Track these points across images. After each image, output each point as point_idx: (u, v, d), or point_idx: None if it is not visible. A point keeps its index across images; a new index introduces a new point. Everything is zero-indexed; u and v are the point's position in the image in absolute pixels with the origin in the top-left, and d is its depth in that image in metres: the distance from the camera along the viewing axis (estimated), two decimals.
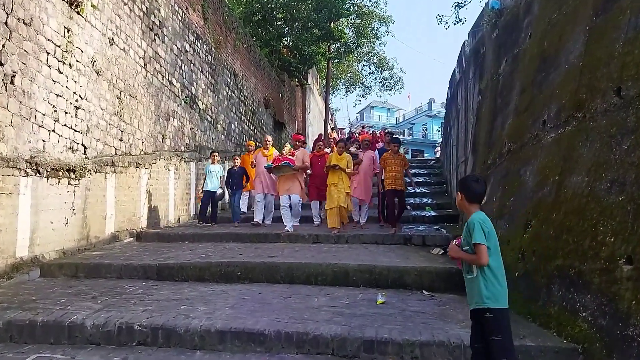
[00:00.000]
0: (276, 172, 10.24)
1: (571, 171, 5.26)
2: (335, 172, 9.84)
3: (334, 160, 9.95)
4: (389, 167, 9.83)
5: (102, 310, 5.16)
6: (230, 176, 11.57)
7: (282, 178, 10.23)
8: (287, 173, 10.10)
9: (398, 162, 9.89)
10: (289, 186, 10.12)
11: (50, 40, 7.31)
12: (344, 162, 9.90)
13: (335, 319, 5.05)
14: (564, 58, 6.19)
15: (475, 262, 3.61)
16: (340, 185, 9.80)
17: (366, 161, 10.77)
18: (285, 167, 9.93)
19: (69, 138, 7.80)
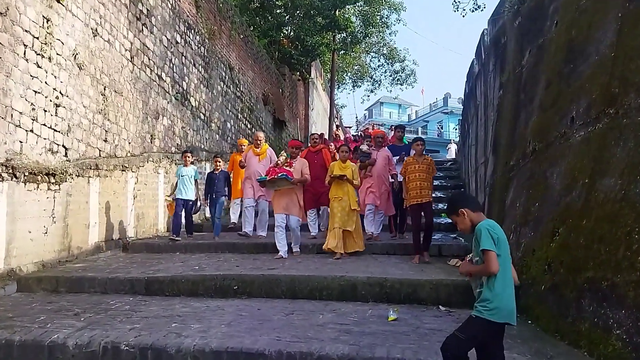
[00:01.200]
0: (270, 186, 9.22)
1: (603, 173, 5.25)
2: (339, 184, 8.82)
3: (336, 169, 8.91)
4: (412, 175, 8.46)
5: (86, 329, 5.17)
6: (210, 182, 10.69)
7: (278, 193, 9.17)
8: (283, 187, 9.05)
9: (424, 167, 8.51)
10: (285, 203, 9.02)
11: (28, 32, 7.34)
12: (349, 172, 8.89)
13: (342, 338, 5.04)
14: (594, 48, 6.17)
15: (484, 271, 3.58)
16: (346, 200, 8.76)
17: (381, 161, 9.84)
18: (281, 180, 8.91)
19: (48, 139, 7.83)
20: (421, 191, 8.36)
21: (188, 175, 10.30)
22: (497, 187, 8.92)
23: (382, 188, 9.74)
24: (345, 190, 8.78)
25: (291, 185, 8.97)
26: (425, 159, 8.66)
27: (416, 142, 8.91)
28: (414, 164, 8.53)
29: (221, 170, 10.72)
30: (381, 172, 9.80)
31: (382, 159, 9.87)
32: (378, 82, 41.30)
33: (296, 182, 9.04)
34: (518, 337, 5.13)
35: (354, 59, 39.28)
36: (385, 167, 9.87)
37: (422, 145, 8.80)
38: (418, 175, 8.41)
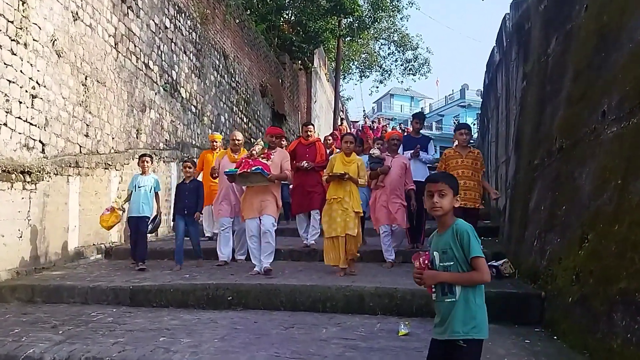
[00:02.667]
0: (241, 181, 8.05)
1: (638, 174, 5.25)
2: (340, 184, 7.86)
3: (338, 164, 7.99)
4: (453, 172, 7.17)
5: (65, 342, 5.19)
6: (179, 195, 9.01)
7: (250, 192, 8.03)
8: (257, 184, 7.91)
9: (469, 162, 7.59)
10: (259, 204, 7.90)
11: (2, 15, 7.37)
12: (354, 168, 7.92)
13: (347, 354, 5.05)
14: (628, 36, 6.18)
15: (473, 280, 3.42)
16: (348, 202, 7.83)
17: (396, 170, 8.58)
18: (255, 175, 7.70)
19: (23, 133, 7.85)
20: (465, 192, 7.29)
21: (146, 187, 8.73)
22: (520, 188, 8.92)
23: (396, 203, 8.48)
24: (348, 190, 7.85)
25: (267, 182, 7.84)
26: (471, 152, 7.74)
27: (459, 131, 7.95)
28: (456, 157, 7.62)
29: (193, 180, 9.01)
30: (396, 184, 8.59)
31: (397, 168, 8.63)
32: (388, 72, 41.39)
33: (274, 179, 7.93)
34: (542, 354, 5.14)
35: (362, 46, 39.29)
36: (401, 178, 8.66)
37: (467, 134, 7.81)
38: (461, 173, 7.41)
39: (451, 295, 3.42)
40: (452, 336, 3.40)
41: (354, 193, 7.93)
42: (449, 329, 3.42)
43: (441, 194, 3.49)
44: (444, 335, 3.43)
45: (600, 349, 5.03)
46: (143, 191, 8.63)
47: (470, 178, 7.42)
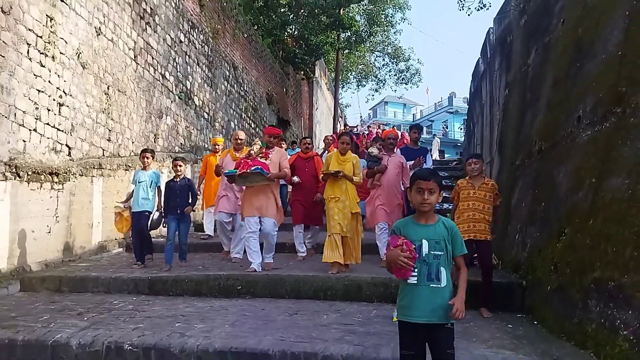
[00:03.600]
0: (241, 181, 7.52)
1: (610, 173, 5.24)
2: (336, 182, 7.36)
3: (334, 162, 7.44)
4: (465, 203, 6.46)
5: (89, 328, 5.18)
6: (170, 193, 8.12)
7: (250, 191, 7.50)
8: (257, 184, 7.43)
9: (481, 194, 6.43)
10: (260, 204, 7.41)
11: (32, 30, 7.37)
12: (349, 166, 7.41)
13: (346, 338, 5.03)
14: (601, 47, 6.16)
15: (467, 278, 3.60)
16: (344, 200, 7.32)
17: (393, 169, 8.08)
18: (255, 175, 7.24)
19: (51, 138, 7.85)
20: (475, 225, 6.31)
21: (146, 182, 8.14)
22: (503, 186, 8.89)
23: (393, 201, 8.02)
24: (344, 189, 7.33)
25: (267, 181, 7.36)
26: (484, 184, 6.51)
27: (468, 161, 6.72)
28: (468, 189, 6.49)
29: (183, 178, 8.22)
30: (393, 182, 8.07)
31: (394, 166, 8.12)
32: (383, 82, 41.31)
33: (273, 178, 7.45)
34: (524, 338, 5.13)
35: (359, 58, 39.28)
36: (398, 176, 8.16)
37: (475, 163, 6.57)
38: (472, 205, 6.39)
39: (437, 282, 3.43)
40: (441, 320, 3.40)
41: (351, 192, 7.38)
42: (435, 314, 3.40)
43: (431, 191, 3.49)
44: (433, 319, 3.40)
45: (577, 333, 5.02)
46: (143, 186, 8.07)
47: (480, 211, 6.36)
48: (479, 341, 5.08)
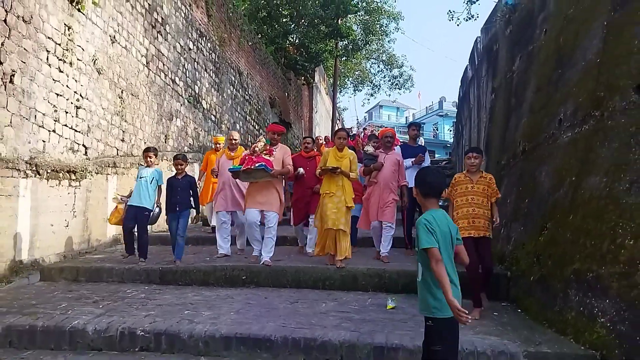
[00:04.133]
0: (245, 177, 7.17)
1: (589, 172, 5.24)
2: (333, 178, 6.96)
3: (331, 158, 7.05)
4: (462, 199, 5.85)
5: (104, 315, 5.19)
6: (171, 190, 7.59)
7: (254, 187, 7.19)
8: (261, 180, 7.09)
9: (480, 188, 5.83)
10: (263, 199, 7.09)
11: (51, 38, 7.36)
12: (346, 162, 7.03)
13: (343, 325, 5.04)
14: (581, 55, 6.16)
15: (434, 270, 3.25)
16: (340, 196, 6.92)
17: (389, 166, 7.69)
18: (259, 171, 6.92)
19: (69, 138, 7.85)
20: (474, 220, 5.71)
21: (146, 178, 7.53)
22: None
23: (388, 197, 7.55)
24: (340, 184, 6.94)
25: (270, 177, 7.03)
26: (482, 177, 5.89)
27: (467, 155, 6.06)
28: (466, 183, 5.87)
29: (185, 175, 7.72)
30: (389, 179, 7.66)
31: (390, 164, 7.74)
32: (377, 87, 41.23)
33: (277, 174, 7.11)
34: (508, 324, 5.14)
35: (355, 64, 39.21)
36: (394, 173, 7.74)
37: (475, 157, 5.94)
38: (470, 199, 5.80)
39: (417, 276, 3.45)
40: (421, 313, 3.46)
41: (347, 187, 7.00)
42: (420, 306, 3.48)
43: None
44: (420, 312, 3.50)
45: (557, 320, 5.03)
46: (143, 182, 7.48)
47: (480, 205, 5.76)
48: (467, 328, 5.07)
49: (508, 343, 4.54)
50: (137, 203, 7.40)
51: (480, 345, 4.50)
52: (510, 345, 4.49)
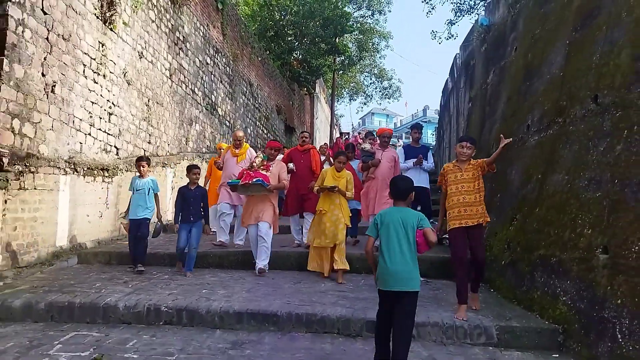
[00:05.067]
0: (243, 191, 6.63)
1: (553, 171, 5.25)
2: (330, 196, 6.34)
3: (329, 178, 6.45)
4: (453, 187, 5.05)
5: (133, 294, 5.19)
6: (183, 200, 6.59)
7: (250, 200, 6.66)
8: (257, 194, 6.54)
9: (469, 174, 5.01)
10: (259, 212, 6.50)
11: (87, 54, 7.35)
12: (343, 182, 6.42)
13: (340, 302, 5.05)
14: (547, 69, 6.16)
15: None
16: (337, 214, 6.28)
17: (386, 162, 7.30)
18: (256, 186, 6.37)
19: (103, 141, 7.84)
20: (466, 209, 4.92)
21: (145, 189, 6.60)
22: None
23: (385, 193, 6.71)
24: (337, 203, 6.32)
25: (267, 191, 6.48)
26: (470, 165, 5.05)
27: (460, 144, 5.18)
28: (455, 172, 5.06)
29: (197, 187, 6.72)
30: (386, 175, 7.14)
31: (387, 160, 7.34)
32: (370, 97, 41.20)
33: (272, 189, 6.55)
34: (483, 302, 5.14)
35: (351, 77, 39.17)
36: (391, 169, 7.33)
37: (468, 147, 5.09)
38: (460, 187, 4.98)
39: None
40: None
41: (344, 205, 6.40)
42: None
43: None
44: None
45: (525, 299, 5.04)
46: (141, 193, 6.56)
47: (471, 192, 4.95)
48: (447, 305, 5.10)
49: (482, 318, 4.55)
50: (136, 216, 6.49)
51: (459, 320, 4.52)
52: (484, 320, 4.50)
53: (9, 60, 5.74)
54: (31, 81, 6.15)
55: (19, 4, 5.90)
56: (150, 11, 9.43)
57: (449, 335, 4.40)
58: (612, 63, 4.69)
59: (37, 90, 6.26)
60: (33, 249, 6.20)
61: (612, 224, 4.08)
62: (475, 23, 10.75)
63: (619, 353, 3.67)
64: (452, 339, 4.38)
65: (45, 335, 4.36)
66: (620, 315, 3.74)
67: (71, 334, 4.39)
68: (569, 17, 5.92)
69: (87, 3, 7.34)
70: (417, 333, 4.29)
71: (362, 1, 32.79)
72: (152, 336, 4.37)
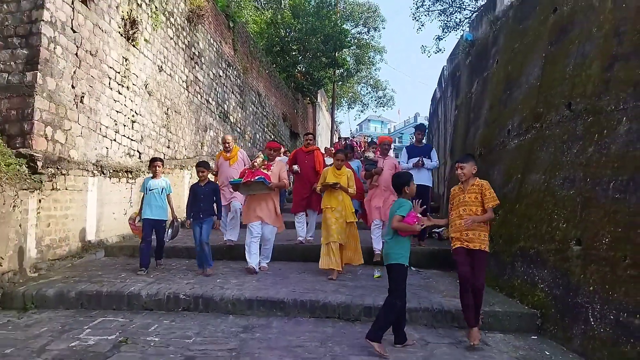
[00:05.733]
0: (245, 190, 6.12)
1: (531, 171, 5.25)
2: (333, 193, 5.92)
3: (330, 176, 6.02)
4: (455, 210, 4.31)
5: (154, 283, 5.21)
6: (194, 197, 6.07)
7: (252, 199, 6.15)
8: (259, 192, 6.07)
9: (471, 197, 4.24)
10: (261, 212, 6.06)
11: (112, 68, 7.37)
12: (344, 179, 5.99)
13: (340, 290, 5.06)
14: (525, 79, 6.16)
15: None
16: (340, 211, 5.85)
17: (387, 170, 6.70)
18: (258, 184, 5.92)
19: (127, 146, 7.85)
20: (467, 233, 4.14)
21: (158, 189, 6.11)
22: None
23: (389, 199, 6.37)
24: (340, 199, 5.91)
25: (268, 190, 6.03)
26: (473, 186, 4.25)
27: (457, 166, 4.43)
28: (458, 194, 4.34)
29: (208, 182, 6.20)
30: (389, 182, 6.21)
31: (388, 168, 6.76)
32: (366, 105, 41.14)
33: (274, 187, 6.11)
34: None
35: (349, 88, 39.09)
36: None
37: (461, 167, 4.31)
38: (462, 211, 4.23)
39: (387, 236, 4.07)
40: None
41: (347, 202, 5.95)
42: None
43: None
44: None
45: (506, 286, 5.04)
46: (155, 193, 6.07)
47: (476, 213, 4.17)
48: (436, 292, 5.11)
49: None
50: (152, 216, 5.99)
51: (447, 306, 4.52)
52: None
53: (42, 74, 5.77)
54: (62, 92, 6.17)
55: (51, 23, 5.93)
56: (169, 29, 9.44)
57: (438, 319, 4.41)
58: (584, 74, 4.69)
59: (68, 100, 6.29)
60: (64, 243, 6.22)
61: (585, 219, 4.08)
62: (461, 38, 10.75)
63: (591, 334, 3.67)
64: (441, 323, 4.39)
65: (75, 320, 4.38)
66: (592, 301, 3.74)
67: (99, 319, 4.41)
68: (544, 33, 5.91)
69: (112, 22, 7.36)
70: (409, 317, 4.29)
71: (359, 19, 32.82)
72: (172, 321, 4.39)
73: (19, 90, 5.69)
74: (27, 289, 4.90)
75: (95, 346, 3.71)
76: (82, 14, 6.57)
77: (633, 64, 4.03)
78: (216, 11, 12.35)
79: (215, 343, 3.83)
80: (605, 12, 4.61)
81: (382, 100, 40.35)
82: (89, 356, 3.51)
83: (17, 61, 5.75)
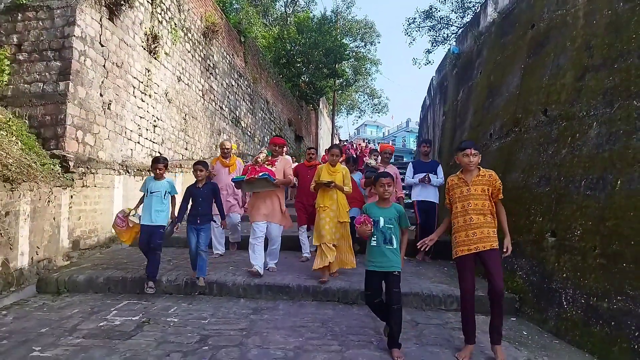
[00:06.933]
0: (248, 187, 5.26)
1: (510, 170, 5.24)
2: (327, 192, 4.98)
3: (324, 174, 5.05)
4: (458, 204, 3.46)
5: (174, 270, 5.22)
6: (191, 201, 5.04)
7: (257, 197, 5.30)
8: (263, 190, 5.22)
9: (478, 190, 3.37)
10: (267, 211, 5.24)
11: (136, 78, 7.37)
12: (339, 177, 5.02)
13: (339, 276, 5.06)
14: (506, 88, 6.14)
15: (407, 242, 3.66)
16: (335, 210, 4.94)
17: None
18: (262, 181, 5.09)
19: (149, 148, 7.86)
20: (475, 232, 3.33)
21: (161, 192, 4.94)
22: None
23: None
24: (335, 198, 4.97)
25: (273, 187, 5.18)
26: (480, 176, 3.42)
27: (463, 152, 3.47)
28: (460, 186, 3.45)
29: (206, 183, 5.11)
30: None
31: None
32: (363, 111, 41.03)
33: (279, 184, 5.26)
34: (455, 276, 5.08)
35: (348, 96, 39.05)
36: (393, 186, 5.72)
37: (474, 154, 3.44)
38: (466, 205, 3.38)
39: (390, 244, 3.44)
40: (391, 269, 3.41)
41: (341, 201, 5.03)
42: (389, 265, 3.41)
43: (389, 185, 3.56)
44: (384, 269, 3.42)
45: None
46: (157, 196, 4.91)
47: (479, 212, 3.34)
48: (425, 278, 5.11)
49: (454, 289, 4.55)
50: (150, 222, 4.86)
51: (435, 290, 4.52)
52: (455, 291, 4.49)
53: (73, 84, 5.78)
54: (91, 100, 6.18)
55: (82, 38, 5.94)
56: (187, 43, 9.44)
57: (427, 302, 4.41)
58: (558, 83, 4.68)
59: (96, 107, 6.30)
60: (93, 234, 6.24)
61: (559, 213, 4.07)
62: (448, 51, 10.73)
63: (564, 317, 3.66)
64: (429, 306, 4.40)
65: (103, 303, 4.39)
66: (565, 287, 3.74)
67: (124, 302, 4.43)
68: (523, 47, 5.90)
69: (136, 37, 7.36)
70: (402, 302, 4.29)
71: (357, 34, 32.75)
72: (189, 304, 4.40)
73: (52, 98, 5.71)
74: (60, 275, 4.92)
75: (121, 326, 3.73)
76: (109, 30, 6.58)
77: (602, 75, 4.02)
78: (229, 27, 12.35)
79: (228, 323, 3.84)
80: (578, 28, 4.60)
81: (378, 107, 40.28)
82: (115, 335, 3.53)
83: (51, 72, 5.77)
